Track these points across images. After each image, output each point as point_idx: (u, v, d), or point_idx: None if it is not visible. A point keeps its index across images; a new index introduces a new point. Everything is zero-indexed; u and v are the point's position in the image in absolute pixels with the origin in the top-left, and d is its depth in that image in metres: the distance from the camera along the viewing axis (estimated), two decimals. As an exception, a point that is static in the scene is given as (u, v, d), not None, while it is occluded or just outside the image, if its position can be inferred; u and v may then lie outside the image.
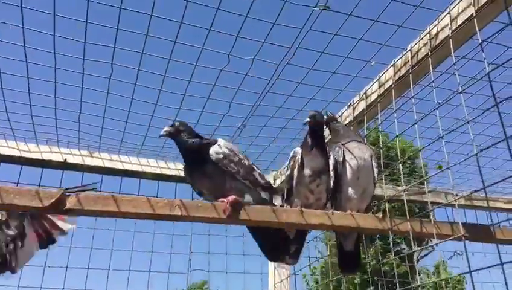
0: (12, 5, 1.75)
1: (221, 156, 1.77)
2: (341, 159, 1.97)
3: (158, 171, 2.90)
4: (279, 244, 2.00)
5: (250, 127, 2.62)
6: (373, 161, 1.98)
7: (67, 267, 2.61)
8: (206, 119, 2.50)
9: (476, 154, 1.45)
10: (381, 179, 2.08)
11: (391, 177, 3.74)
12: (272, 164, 3.01)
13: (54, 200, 1.52)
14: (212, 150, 1.78)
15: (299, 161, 1.96)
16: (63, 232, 2.17)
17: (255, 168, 1.90)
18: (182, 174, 2.14)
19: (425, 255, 13.71)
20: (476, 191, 3.05)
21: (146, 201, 1.61)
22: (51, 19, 1.79)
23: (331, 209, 1.88)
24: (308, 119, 1.95)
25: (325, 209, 1.95)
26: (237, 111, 2.45)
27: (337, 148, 2.00)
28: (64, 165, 2.73)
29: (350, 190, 1.96)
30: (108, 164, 2.79)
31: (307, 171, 1.94)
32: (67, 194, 1.54)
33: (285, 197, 2.01)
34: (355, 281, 10.16)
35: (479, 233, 1.82)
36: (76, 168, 2.78)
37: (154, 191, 2.88)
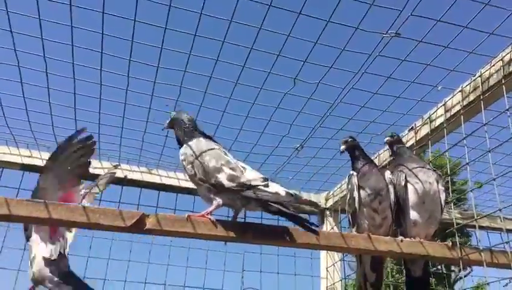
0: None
1: (182, 157, 1.68)
2: (403, 182, 1.97)
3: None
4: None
5: (306, 148, 2.64)
6: (440, 184, 1.96)
7: (125, 280, 2.69)
8: (265, 140, 2.54)
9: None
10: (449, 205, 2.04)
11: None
12: (324, 184, 3.01)
13: (135, 220, 1.58)
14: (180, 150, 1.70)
15: (357, 183, 1.97)
16: None
17: (223, 168, 1.58)
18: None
19: (461, 278, 13.20)
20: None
21: (220, 225, 1.64)
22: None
23: (399, 236, 1.87)
24: (343, 147, 2.07)
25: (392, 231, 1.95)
26: (296, 132, 2.48)
27: (399, 171, 2.00)
28: (124, 181, 2.82)
29: (415, 215, 1.94)
30: (165, 181, 2.87)
31: (366, 191, 1.95)
32: (147, 214, 1.60)
33: (351, 221, 2.01)
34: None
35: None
36: (135, 184, 2.87)
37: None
